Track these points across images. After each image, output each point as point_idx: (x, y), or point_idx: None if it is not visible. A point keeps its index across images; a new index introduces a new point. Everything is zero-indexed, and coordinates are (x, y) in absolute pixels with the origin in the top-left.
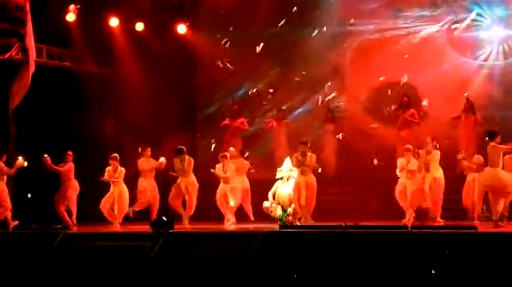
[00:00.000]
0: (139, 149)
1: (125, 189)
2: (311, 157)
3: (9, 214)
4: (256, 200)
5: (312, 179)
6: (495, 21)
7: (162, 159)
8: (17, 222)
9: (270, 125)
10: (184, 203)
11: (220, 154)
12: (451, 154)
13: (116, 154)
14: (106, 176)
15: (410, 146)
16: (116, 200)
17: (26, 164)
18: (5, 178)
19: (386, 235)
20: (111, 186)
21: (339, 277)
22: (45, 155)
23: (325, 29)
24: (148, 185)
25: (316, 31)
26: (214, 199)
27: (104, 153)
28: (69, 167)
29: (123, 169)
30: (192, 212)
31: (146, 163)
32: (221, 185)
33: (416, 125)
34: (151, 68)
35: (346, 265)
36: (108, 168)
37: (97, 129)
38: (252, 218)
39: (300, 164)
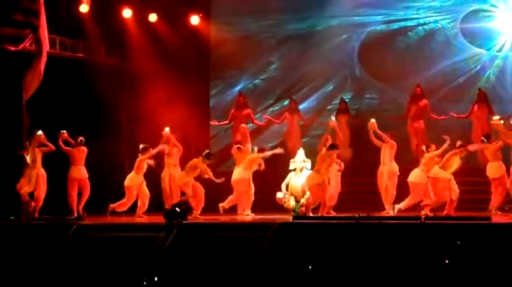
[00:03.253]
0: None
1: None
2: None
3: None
4: (269, 191)
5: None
6: (509, 11)
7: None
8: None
9: (283, 116)
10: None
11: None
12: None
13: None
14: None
15: None
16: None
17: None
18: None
19: (399, 227)
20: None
21: (352, 268)
22: (63, 131)
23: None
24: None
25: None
26: (227, 190)
27: (117, 145)
28: (82, 150)
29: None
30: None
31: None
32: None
33: (430, 116)
34: (164, 60)
35: (359, 256)
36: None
37: (110, 120)
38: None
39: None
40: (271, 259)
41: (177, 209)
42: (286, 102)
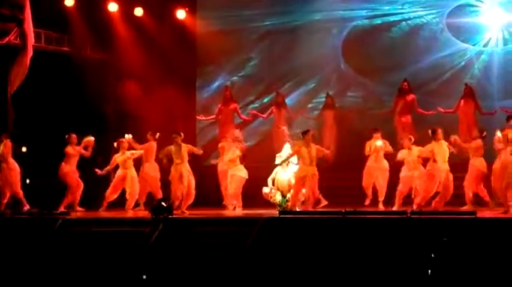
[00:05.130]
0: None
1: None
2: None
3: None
4: (256, 186)
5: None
6: (495, 6)
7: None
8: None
9: (269, 111)
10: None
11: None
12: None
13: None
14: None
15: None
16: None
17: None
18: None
19: (386, 221)
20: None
21: (339, 263)
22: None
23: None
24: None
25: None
26: (214, 184)
27: (103, 139)
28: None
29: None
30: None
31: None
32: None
33: (417, 110)
34: (150, 54)
35: (346, 251)
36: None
37: (96, 115)
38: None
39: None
40: (258, 254)
41: (163, 203)
42: (267, 99)
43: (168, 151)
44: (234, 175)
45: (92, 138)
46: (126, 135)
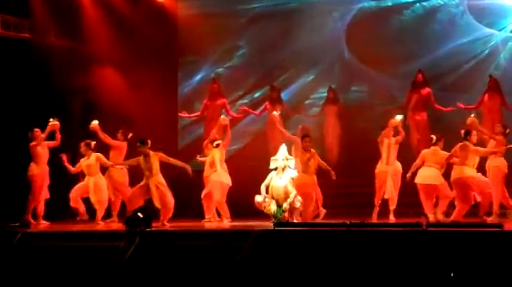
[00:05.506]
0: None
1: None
2: (315, 160)
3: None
4: (246, 194)
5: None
6: None
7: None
8: None
9: (263, 107)
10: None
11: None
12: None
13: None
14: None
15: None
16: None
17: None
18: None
19: (397, 235)
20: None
21: (342, 283)
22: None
23: None
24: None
25: None
26: (199, 192)
27: (71, 137)
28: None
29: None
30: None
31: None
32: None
33: (434, 106)
34: (125, 41)
35: (351, 269)
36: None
37: (62, 109)
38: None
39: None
40: (249, 272)
41: (139, 214)
42: (258, 94)
43: (135, 162)
44: (214, 181)
45: (56, 122)
46: (93, 122)
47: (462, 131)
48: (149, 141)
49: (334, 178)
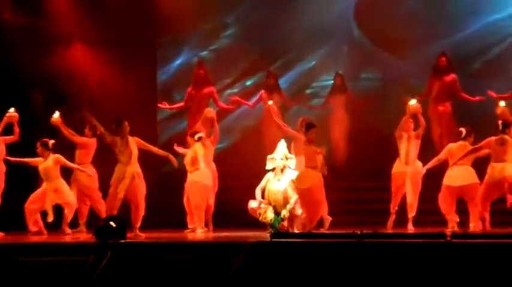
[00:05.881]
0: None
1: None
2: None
3: None
4: (238, 199)
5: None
6: None
7: None
8: None
9: (258, 97)
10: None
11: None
12: None
13: None
14: None
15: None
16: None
17: None
18: None
19: (416, 247)
20: None
21: None
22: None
23: None
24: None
25: None
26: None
27: (31, 133)
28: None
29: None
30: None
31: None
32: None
33: (460, 95)
34: (95, 17)
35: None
36: None
37: (20, 98)
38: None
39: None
40: None
41: (111, 223)
42: (250, 82)
43: (109, 138)
44: (193, 182)
45: (15, 114)
46: (55, 115)
47: (499, 122)
48: (126, 122)
49: (326, 174)
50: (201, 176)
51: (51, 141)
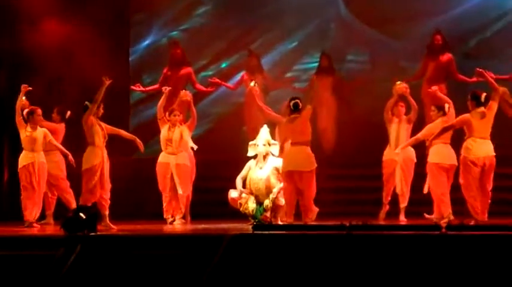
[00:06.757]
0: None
1: None
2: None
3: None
4: (216, 189)
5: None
6: None
7: None
8: None
9: (240, 78)
10: None
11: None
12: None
13: None
14: None
15: None
16: None
17: None
18: None
19: (409, 239)
20: None
21: None
22: None
23: None
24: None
25: None
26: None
27: None
28: None
29: None
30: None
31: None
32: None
33: (456, 77)
34: None
35: (351, 283)
36: None
37: None
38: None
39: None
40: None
41: (80, 214)
42: (225, 64)
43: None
44: (181, 165)
45: None
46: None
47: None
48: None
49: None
50: (187, 159)
51: (69, 113)
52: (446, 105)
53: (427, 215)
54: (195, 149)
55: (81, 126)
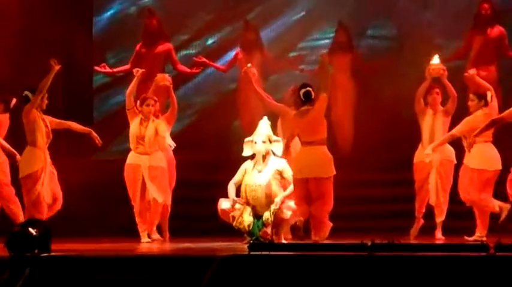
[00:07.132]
0: None
1: None
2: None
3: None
4: (204, 198)
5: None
6: None
7: None
8: None
9: (233, 57)
10: None
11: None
12: None
13: None
14: None
15: None
16: None
17: None
18: None
19: (447, 262)
20: None
21: None
22: None
23: None
24: None
25: None
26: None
27: None
28: None
29: None
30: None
31: None
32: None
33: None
34: None
35: None
36: None
37: None
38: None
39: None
40: None
41: (30, 230)
42: (212, 40)
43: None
44: (156, 167)
45: None
46: None
47: None
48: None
49: None
50: (163, 160)
51: (14, 100)
52: (489, 94)
53: (468, 238)
54: (173, 147)
55: (21, 121)
